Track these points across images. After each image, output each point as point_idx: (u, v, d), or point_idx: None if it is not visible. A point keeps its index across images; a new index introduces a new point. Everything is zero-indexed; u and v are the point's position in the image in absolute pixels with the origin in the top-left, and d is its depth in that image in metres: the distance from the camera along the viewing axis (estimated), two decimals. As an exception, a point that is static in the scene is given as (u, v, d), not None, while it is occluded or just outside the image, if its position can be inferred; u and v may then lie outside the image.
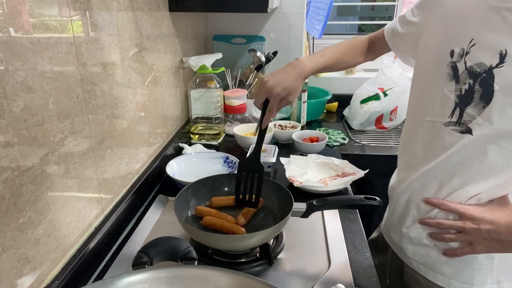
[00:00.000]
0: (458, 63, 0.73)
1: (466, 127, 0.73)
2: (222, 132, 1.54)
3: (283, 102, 0.90)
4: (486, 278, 0.80)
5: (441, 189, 0.79)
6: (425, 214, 0.83)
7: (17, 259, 0.61)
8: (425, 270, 0.86)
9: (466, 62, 0.72)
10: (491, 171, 0.73)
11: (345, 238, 0.91)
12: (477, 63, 0.70)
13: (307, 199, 0.86)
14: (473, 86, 0.71)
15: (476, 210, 0.75)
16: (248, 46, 1.83)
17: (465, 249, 0.78)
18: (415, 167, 0.84)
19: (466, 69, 0.72)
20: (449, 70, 0.75)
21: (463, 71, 0.72)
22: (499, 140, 0.70)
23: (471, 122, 0.72)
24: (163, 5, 1.23)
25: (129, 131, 1.01)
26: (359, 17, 3.92)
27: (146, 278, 0.55)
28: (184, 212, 0.90)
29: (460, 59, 0.73)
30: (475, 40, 0.70)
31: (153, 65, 1.17)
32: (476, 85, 0.70)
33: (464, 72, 0.72)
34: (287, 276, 0.79)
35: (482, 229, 0.74)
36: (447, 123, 0.76)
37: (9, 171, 0.58)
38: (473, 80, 0.71)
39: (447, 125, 0.76)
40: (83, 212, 0.81)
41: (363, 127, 1.73)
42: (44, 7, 0.66)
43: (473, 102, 0.71)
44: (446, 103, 0.76)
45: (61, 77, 0.70)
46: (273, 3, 1.45)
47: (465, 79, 0.72)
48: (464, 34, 0.72)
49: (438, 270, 0.84)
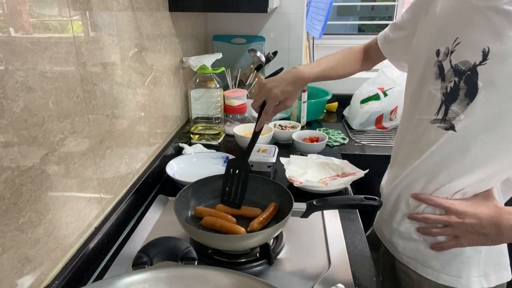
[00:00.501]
0: (443, 62, 0.76)
1: (450, 124, 0.75)
2: (222, 132, 1.54)
3: (280, 106, 0.92)
4: (473, 271, 0.82)
5: (428, 185, 0.82)
6: (414, 209, 0.85)
7: (17, 259, 0.62)
8: (415, 264, 0.88)
9: (451, 61, 0.74)
10: (475, 166, 0.75)
11: (345, 238, 0.91)
12: (461, 61, 0.72)
13: (307, 199, 0.86)
14: (458, 84, 0.73)
15: (460, 205, 0.78)
16: (248, 46, 1.83)
17: (451, 242, 0.80)
18: (404, 165, 0.87)
19: (452, 67, 0.74)
20: (436, 69, 0.77)
21: (449, 69, 0.74)
22: (481, 135, 0.72)
23: (455, 119, 0.74)
24: (163, 5, 1.23)
25: (129, 131, 1.01)
26: (359, 17, 3.92)
27: (146, 278, 0.55)
28: (184, 212, 0.90)
29: (445, 58, 0.75)
30: (459, 39, 0.72)
31: (153, 65, 1.17)
32: (461, 83, 0.72)
33: (449, 71, 0.74)
34: (287, 276, 0.79)
35: (467, 222, 0.76)
36: (433, 121, 0.78)
37: (9, 171, 0.58)
38: (458, 78, 0.73)
39: (433, 123, 0.78)
40: (83, 212, 0.81)
41: (363, 127, 1.73)
42: (44, 7, 0.66)
43: (458, 99, 0.73)
44: (433, 101, 0.78)
45: (61, 77, 0.70)
46: (273, 3, 1.45)
47: (451, 77, 0.74)
48: (449, 34, 0.75)
49: (428, 264, 0.86)
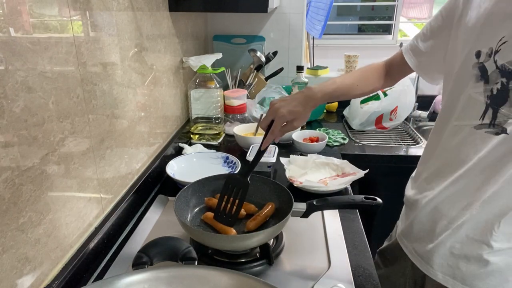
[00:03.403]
0: (486, 63, 0.71)
1: (501, 128, 0.69)
2: (222, 132, 1.54)
3: (288, 126, 0.88)
4: None
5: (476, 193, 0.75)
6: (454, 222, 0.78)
7: (17, 259, 0.61)
8: (453, 283, 0.81)
9: (496, 61, 0.69)
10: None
11: (345, 238, 0.90)
12: (509, 61, 0.68)
13: (307, 199, 0.86)
14: (507, 85, 0.68)
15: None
16: (248, 46, 1.83)
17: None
18: (443, 176, 0.80)
19: (497, 68, 0.69)
20: (476, 71, 0.72)
21: (494, 70, 0.70)
22: None
23: (506, 122, 0.68)
24: (163, 5, 1.23)
25: (129, 131, 1.01)
26: (359, 17, 3.92)
27: (146, 278, 0.55)
28: (184, 212, 0.90)
29: (488, 59, 0.71)
30: (505, 38, 0.68)
31: (153, 65, 1.17)
32: (510, 84, 0.67)
33: (495, 72, 0.70)
34: (287, 276, 0.79)
35: None
36: (478, 126, 0.73)
37: (9, 171, 0.58)
38: (506, 78, 0.68)
39: (479, 128, 0.73)
40: (83, 212, 0.81)
41: (363, 127, 1.73)
42: (44, 7, 0.66)
43: (508, 101, 0.68)
44: (474, 105, 0.73)
45: (61, 77, 0.70)
46: (273, 3, 1.45)
47: (497, 79, 0.69)
48: (492, 34, 0.70)
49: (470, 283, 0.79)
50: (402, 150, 1.55)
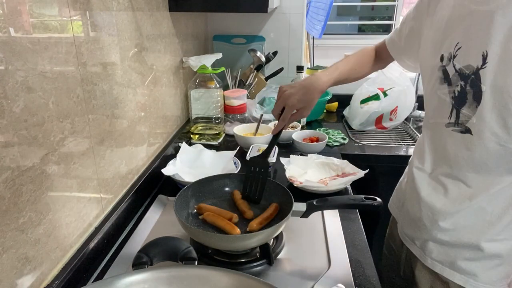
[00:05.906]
0: (447, 67, 0.77)
1: (464, 127, 0.75)
2: (222, 132, 1.54)
3: (297, 115, 0.94)
4: None
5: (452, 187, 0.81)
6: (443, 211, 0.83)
7: (17, 259, 0.62)
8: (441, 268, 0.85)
9: (455, 65, 0.75)
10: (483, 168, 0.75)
11: (345, 238, 0.90)
12: (465, 65, 0.73)
13: (307, 199, 0.86)
14: (464, 88, 0.74)
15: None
16: (248, 46, 1.83)
17: None
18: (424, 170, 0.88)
19: (456, 71, 0.75)
20: (441, 73, 0.79)
21: (454, 73, 0.75)
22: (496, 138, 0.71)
23: (468, 122, 0.74)
24: (163, 5, 1.23)
25: (129, 131, 1.01)
26: (359, 17, 3.92)
27: (146, 278, 0.55)
28: (184, 212, 0.90)
29: (448, 63, 0.76)
30: (460, 44, 0.74)
31: (153, 65, 1.17)
32: (467, 86, 0.73)
33: (455, 75, 0.75)
34: (287, 276, 0.79)
35: None
36: (447, 124, 0.79)
37: (9, 171, 0.58)
38: (463, 81, 0.74)
39: (448, 126, 0.79)
40: (83, 212, 0.81)
41: (363, 127, 1.73)
42: (44, 7, 0.66)
43: (467, 102, 0.74)
44: (443, 105, 0.79)
45: (61, 77, 0.70)
46: (273, 3, 1.45)
47: (457, 81, 0.75)
48: (450, 39, 0.76)
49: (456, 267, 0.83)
50: (402, 150, 1.55)
